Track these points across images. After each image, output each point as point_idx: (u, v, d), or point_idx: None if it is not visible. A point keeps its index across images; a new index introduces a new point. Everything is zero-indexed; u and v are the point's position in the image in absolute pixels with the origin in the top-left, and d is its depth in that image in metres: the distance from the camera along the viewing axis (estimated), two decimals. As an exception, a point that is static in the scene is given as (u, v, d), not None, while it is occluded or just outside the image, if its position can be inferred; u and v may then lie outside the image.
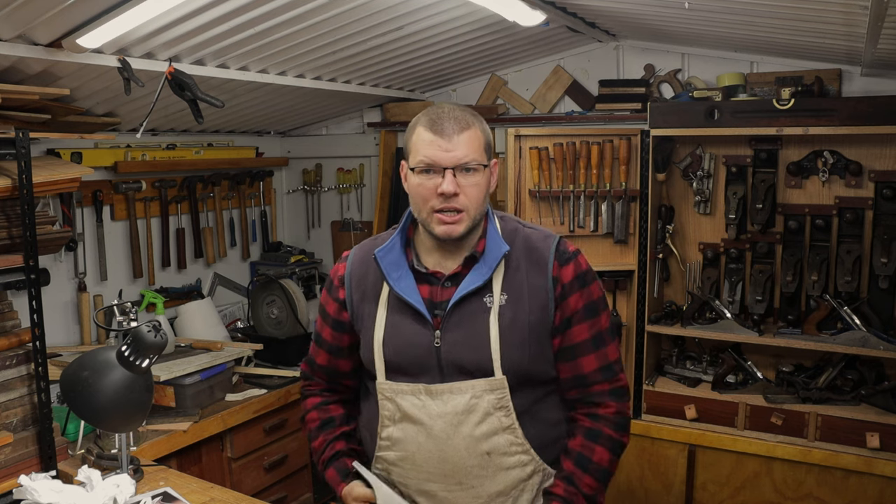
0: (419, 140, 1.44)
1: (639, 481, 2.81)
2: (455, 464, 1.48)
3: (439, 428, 1.47)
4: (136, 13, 1.76)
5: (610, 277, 2.81)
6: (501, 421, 1.47)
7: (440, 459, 1.49)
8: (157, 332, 1.75)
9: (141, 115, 2.54)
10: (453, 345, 1.47)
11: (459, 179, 1.42)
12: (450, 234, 1.44)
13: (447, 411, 1.46)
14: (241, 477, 2.72)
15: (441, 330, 1.47)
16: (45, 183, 2.06)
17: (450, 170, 1.41)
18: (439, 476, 1.50)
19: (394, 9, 2.20)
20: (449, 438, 1.47)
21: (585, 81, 3.17)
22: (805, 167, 2.69)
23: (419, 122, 1.47)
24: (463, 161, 1.42)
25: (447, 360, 1.47)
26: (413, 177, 1.45)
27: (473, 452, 1.47)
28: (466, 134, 1.43)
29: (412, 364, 1.49)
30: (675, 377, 2.85)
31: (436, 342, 1.48)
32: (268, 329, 3.30)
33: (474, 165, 1.43)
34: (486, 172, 1.47)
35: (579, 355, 1.51)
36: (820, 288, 2.60)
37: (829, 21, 2.01)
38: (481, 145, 1.45)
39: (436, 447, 1.48)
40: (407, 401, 1.49)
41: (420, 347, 1.48)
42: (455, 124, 1.42)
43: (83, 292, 2.85)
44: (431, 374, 1.48)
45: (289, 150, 3.81)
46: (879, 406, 2.48)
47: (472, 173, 1.43)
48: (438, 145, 1.41)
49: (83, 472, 1.75)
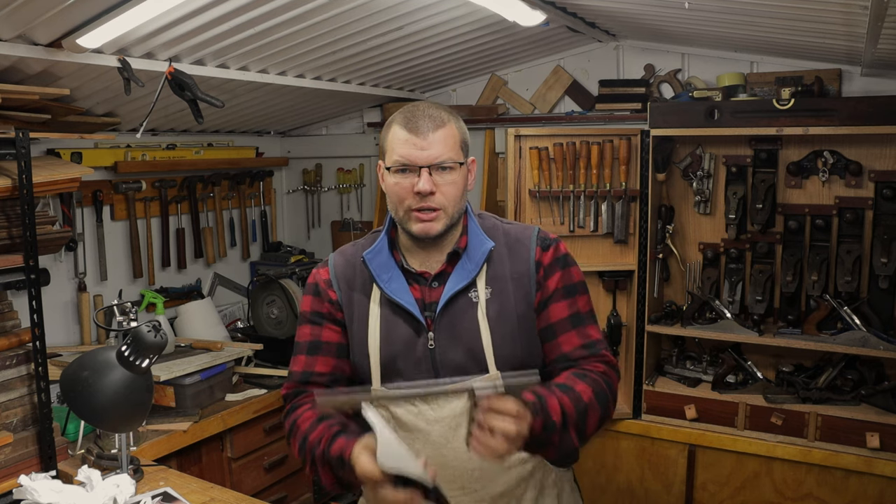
0: (394, 139, 1.42)
1: (639, 481, 2.81)
2: (456, 468, 1.46)
3: (437, 433, 1.45)
4: (136, 13, 1.76)
5: (610, 277, 2.81)
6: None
7: (440, 465, 1.45)
8: (157, 332, 1.76)
9: (141, 115, 2.54)
10: (447, 346, 1.45)
11: (435, 178, 1.40)
12: (427, 232, 1.43)
13: (444, 415, 1.44)
14: (241, 477, 2.72)
15: (434, 331, 1.46)
16: (45, 183, 2.06)
17: (425, 168, 1.39)
18: (440, 483, 1.48)
19: (394, 9, 2.20)
20: (448, 443, 1.44)
21: (585, 81, 3.17)
22: (805, 167, 2.69)
23: (394, 120, 1.45)
24: (438, 159, 1.40)
25: (443, 362, 1.46)
26: (389, 176, 1.44)
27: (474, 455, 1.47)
28: (441, 132, 1.41)
29: (407, 368, 1.47)
30: (675, 377, 2.85)
31: (430, 344, 1.46)
32: (268, 329, 3.31)
33: (450, 164, 1.41)
34: (463, 170, 1.45)
35: (559, 333, 1.49)
36: (820, 288, 2.60)
37: (829, 21, 2.01)
38: (457, 143, 1.44)
39: (435, 453, 1.45)
40: (401, 408, 1.46)
41: (416, 351, 1.46)
42: (430, 122, 1.41)
43: (83, 292, 2.85)
44: (426, 378, 1.45)
45: (289, 150, 3.81)
46: (879, 406, 2.48)
47: (449, 171, 1.42)
48: (413, 144, 1.39)
49: (83, 472, 1.75)
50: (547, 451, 1.34)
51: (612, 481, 2.86)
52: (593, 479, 2.87)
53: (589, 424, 1.36)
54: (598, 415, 1.38)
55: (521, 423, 1.20)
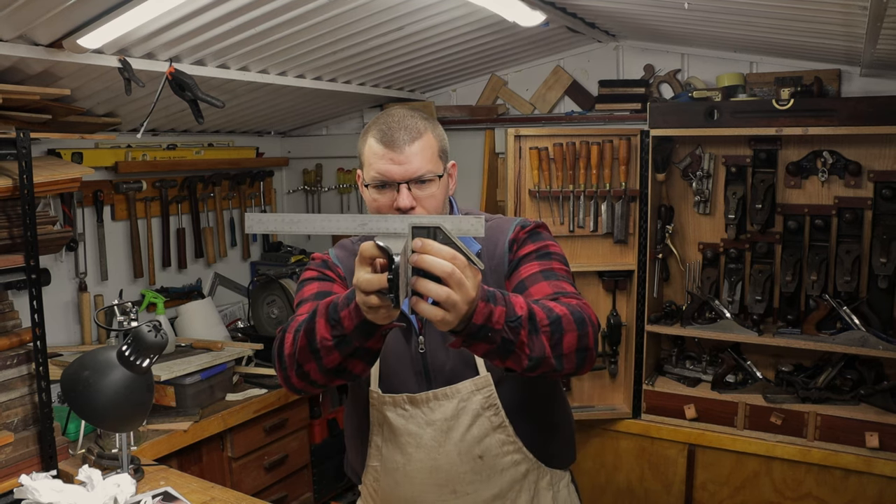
0: (370, 153, 1.37)
1: (639, 481, 2.81)
2: (448, 472, 1.45)
3: (429, 436, 1.44)
4: (137, 13, 1.76)
5: (610, 277, 2.82)
6: (491, 420, 1.45)
7: (432, 469, 1.45)
8: (157, 331, 1.76)
9: (141, 116, 2.54)
10: (437, 349, 1.43)
11: (415, 192, 1.36)
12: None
13: (435, 419, 1.43)
14: (242, 476, 2.72)
15: (424, 335, 1.43)
16: (46, 183, 2.06)
17: (404, 184, 1.34)
18: (433, 486, 1.46)
19: (394, 9, 2.20)
20: (440, 446, 1.44)
21: (585, 82, 3.17)
22: (804, 167, 2.69)
23: (369, 131, 1.40)
24: (417, 174, 1.35)
25: (433, 366, 1.44)
26: (368, 192, 1.39)
27: (466, 458, 1.44)
28: (418, 143, 1.35)
29: (402, 371, 1.45)
30: (674, 377, 2.85)
31: (420, 348, 1.44)
32: (268, 329, 3.31)
33: (430, 177, 1.37)
34: (443, 180, 1.41)
35: (530, 285, 1.37)
36: (819, 288, 2.60)
37: (828, 21, 2.02)
38: (435, 153, 1.39)
39: (427, 457, 1.44)
40: (391, 412, 1.45)
41: (408, 354, 1.44)
42: (406, 134, 1.35)
43: (84, 292, 2.85)
44: (418, 382, 1.44)
45: (289, 150, 3.82)
46: (879, 406, 2.48)
47: (428, 184, 1.37)
48: (390, 158, 1.34)
49: (84, 471, 1.75)
50: (518, 356, 1.13)
51: (611, 481, 2.86)
52: (593, 479, 2.87)
53: (565, 341, 1.18)
54: (575, 335, 1.19)
55: (457, 263, 0.99)
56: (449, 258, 0.98)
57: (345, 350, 1.16)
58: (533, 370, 1.16)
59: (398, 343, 1.45)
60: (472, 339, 1.08)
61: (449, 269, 0.98)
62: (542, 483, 1.52)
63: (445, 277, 0.98)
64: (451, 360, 1.43)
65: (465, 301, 1.00)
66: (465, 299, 1.00)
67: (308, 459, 3.03)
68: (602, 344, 2.86)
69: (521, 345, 1.12)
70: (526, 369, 1.15)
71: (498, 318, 1.08)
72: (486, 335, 1.08)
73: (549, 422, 1.55)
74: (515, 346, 1.11)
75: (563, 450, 1.58)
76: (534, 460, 1.50)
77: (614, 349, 2.85)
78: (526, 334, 1.12)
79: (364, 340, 1.14)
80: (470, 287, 1.00)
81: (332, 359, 1.19)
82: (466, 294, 1.00)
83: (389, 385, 1.45)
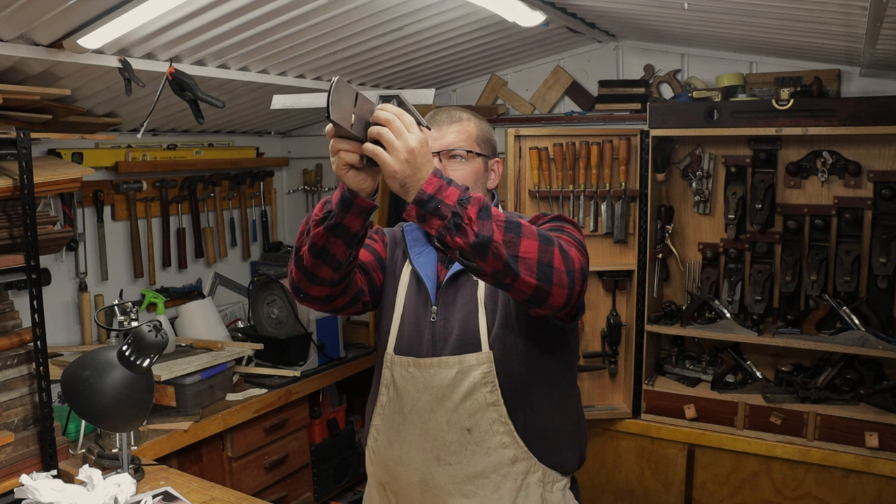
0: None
1: (638, 481, 2.82)
2: (435, 437, 1.52)
3: (424, 401, 1.53)
4: (137, 14, 1.76)
5: (609, 277, 2.82)
6: (486, 397, 1.49)
7: (421, 432, 1.53)
8: (157, 331, 1.76)
9: (142, 116, 2.54)
10: (447, 320, 1.53)
11: (446, 164, 1.52)
12: None
13: (433, 385, 1.51)
14: (242, 476, 2.73)
15: (437, 305, 1.54)
16: (46, 183, 2.06)
17: (436, 154, 1.50)
18: (419, 451, 1.54)
19: (394, 9, 2.21)
20: (432, 412, 1.52)
21: (585, 82, 3.17)
22: (804, 167, 2.70)
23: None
24: (449, 146, 1.52)
25: (441, 336, 1.53)
26: None
27: (454, 427, 1.51)
28: (457, 125, 1.55)
29: (413, 337, 1.55)
30: (674, 377, 2.85)
31: (432, 317, 1.54)
32: (268, 329, 3.31)
33: (460, 152, 1.52)
34: (477, 162, 1.54)
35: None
36: (819, 288, 2.60)
37: (828, 21, 2.02)
38: (472, 136, 1.55)
39: (419, 419, 1.53)
40: (398, 372, 1.56)
41: (423, 322, 1.55)
42: (447, 116, 1.56)
43: (84, 292, 2.85)
44: (425, 348, 1.54)
45: (289, 150, 3.82)
46: (878, 406, 2.48)
47: (459, 161, 1.52)
48: (433, 137, 1.49)
49: (84, 471, 1.75)
50: (466, 232, 1.15)
51: (611, 481, 2.87)
52: (593, 479, 2.87)
53: (522, 244, 1.19)
54: (536, 245, 1.21)
55: (404, 120, 1.14)
56: (395, 114, 1.15)
57: (328, 223, 1.29)
58: (483, 255, 1.17)
59: (416, 310, 1.56)
60: (424, 210, 1.17)
61: (390, 117, 1.14)
62: (531, 477, 1.52)
63: (386, 123, 1.14)
64: (457, 332, 1.52)
65: (405, 149, 1.14)
66: (404, 146, 1.14)
67: (308, 459, 3.04)
68: (602, 344, 2.86)
69: (469, 220, 1.16)
70: (473, 247, 1.16)
71: (449, 195, 1.17)
72: (436, 208, 1.16)
73: (550, 418, 1.55)
74: (463, 220, 1.16)
75: (564, 452, 1.57)
76: (525, 450, 1.51)
77: (614, 349, 2.85)
78: (475, 212, 1.16)
79: (343, 214, 1.27)
80: (411, 139, 1.14)
81: (317, 233, 1.30)
82: (406, 142, 1.14)
83: (402, 348, 1.57)
